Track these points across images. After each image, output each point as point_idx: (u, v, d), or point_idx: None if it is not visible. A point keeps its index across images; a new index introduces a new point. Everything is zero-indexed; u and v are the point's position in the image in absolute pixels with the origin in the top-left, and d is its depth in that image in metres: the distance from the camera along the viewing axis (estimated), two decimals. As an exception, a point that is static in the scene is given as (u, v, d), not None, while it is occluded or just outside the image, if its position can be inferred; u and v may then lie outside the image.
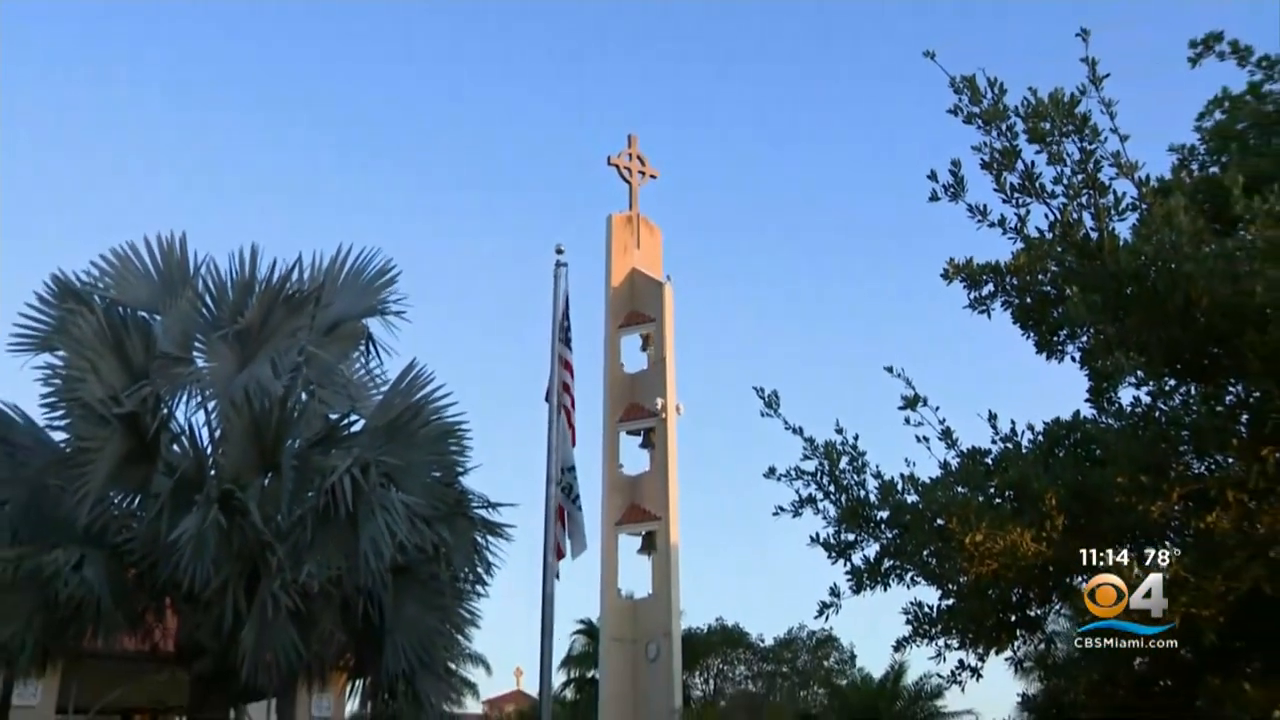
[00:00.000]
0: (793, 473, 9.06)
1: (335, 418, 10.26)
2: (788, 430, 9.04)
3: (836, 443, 8.98)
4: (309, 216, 65.24)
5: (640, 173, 23.12)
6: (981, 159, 8.36)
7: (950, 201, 8.48)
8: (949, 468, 8.73)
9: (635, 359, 22.60)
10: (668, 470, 21.11)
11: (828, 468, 8.95)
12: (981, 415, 8.75)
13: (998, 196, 8.39)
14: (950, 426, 8.77)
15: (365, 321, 10.80)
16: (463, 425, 10.05)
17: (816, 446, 8.99)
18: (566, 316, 11.36)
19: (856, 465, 8.96)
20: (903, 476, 8.74)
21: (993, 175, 8.33)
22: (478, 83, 71.36)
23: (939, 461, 8.78)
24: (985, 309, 8.88)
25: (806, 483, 9.03)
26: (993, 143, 8.26)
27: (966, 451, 8.77)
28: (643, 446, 21.97)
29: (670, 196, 59.65)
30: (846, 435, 9.02)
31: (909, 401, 8.65)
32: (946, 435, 8.75)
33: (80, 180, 67.34)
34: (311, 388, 9.91)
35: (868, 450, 9.04)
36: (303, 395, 9.79)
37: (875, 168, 70.10)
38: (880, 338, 60.18)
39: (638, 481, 21.79)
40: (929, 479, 8.66)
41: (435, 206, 74.37)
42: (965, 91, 8.26)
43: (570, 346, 11.38)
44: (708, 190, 66.80)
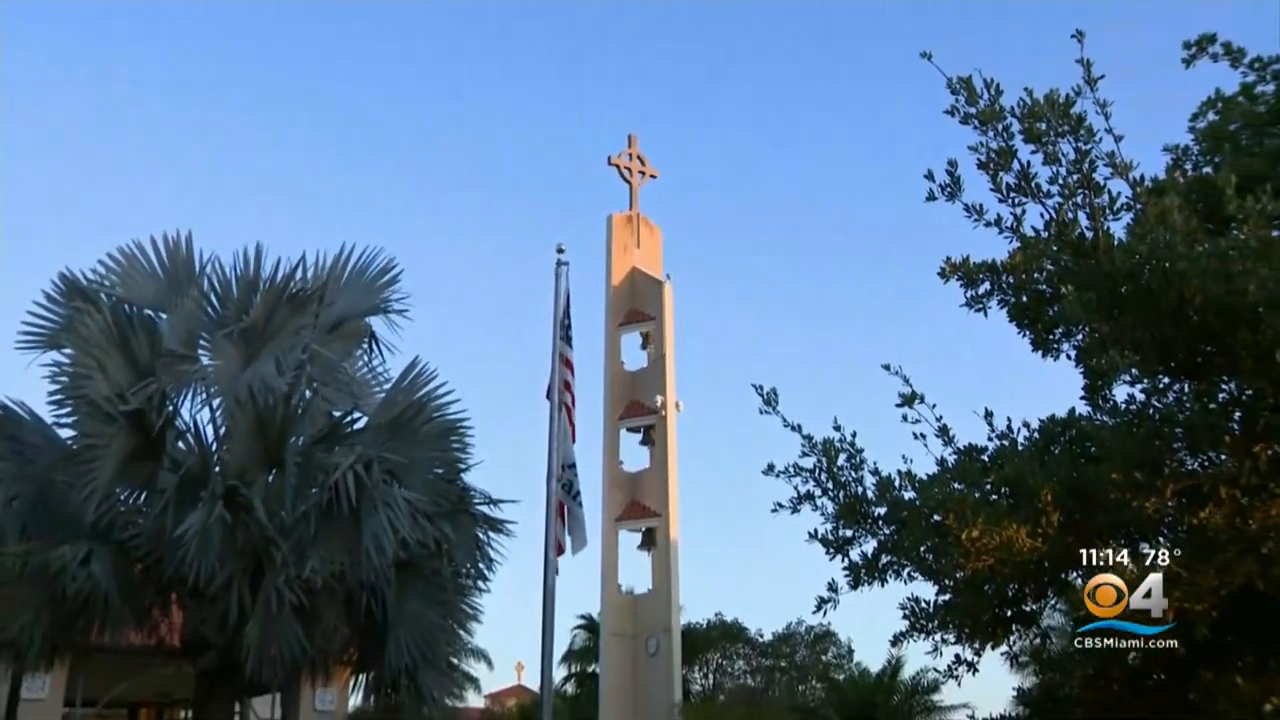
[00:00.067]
0: (791, 469, 8.99)
1: (338, 415, 10.33)
2: (786, 427, 8.99)
3: (835, 440, 8.92)
4: (309, 216, 65.28)
5: (640, 173, 23.17)
6: (978, 159, 8.35)
7: (947, 201, 8.47)
8: (946, 464, 8.68)
9: (635, 357, 22.68)
10: (667, 467, 21.18)
11: (826, 464, 8.89)
12: (978, 412, 8.71)
13: (994, 196, 8.38)
14: (947, 424, 8.74)
15: (368, 320, 10.85)
16: (464, 422, 10.14)
17: (815, 443, 8.93)
18: (567, 315, 11.36)
19: (854, 462, 8.91)
20: (900, 473, 8.71)
21: (989, 175, 8.31)
22: (478, 83, 71.32)
23: (936, 458, 8.74)
24: (982, 307, 8.83)
25: (805, 479, 8.96)
26: (989, 143, 8.25)
27: (963, 448, 8.72)
28: (643, 444, 22.04)
29: (670, 196, 59.71)
30: (844, 432, 8.97)
31: (906, 399, 8.60)
32: (943, 432, 8.71)
33: (80, 180, 67.35)
34: (315, 385, 9.97)
35: (865, 447, 8.99)
36: (306, 393, 9.85)
37: (874, 168, 70.15)
38: (878, 336, 60.21)
39: (638, 478, 21.86)
40: (926, 476, 8.62)
41: (436, 206, 74.37)
42: (962, 92, 8.24)
43: (571, 344, 11.39)
44: (708, 190, 66.79)
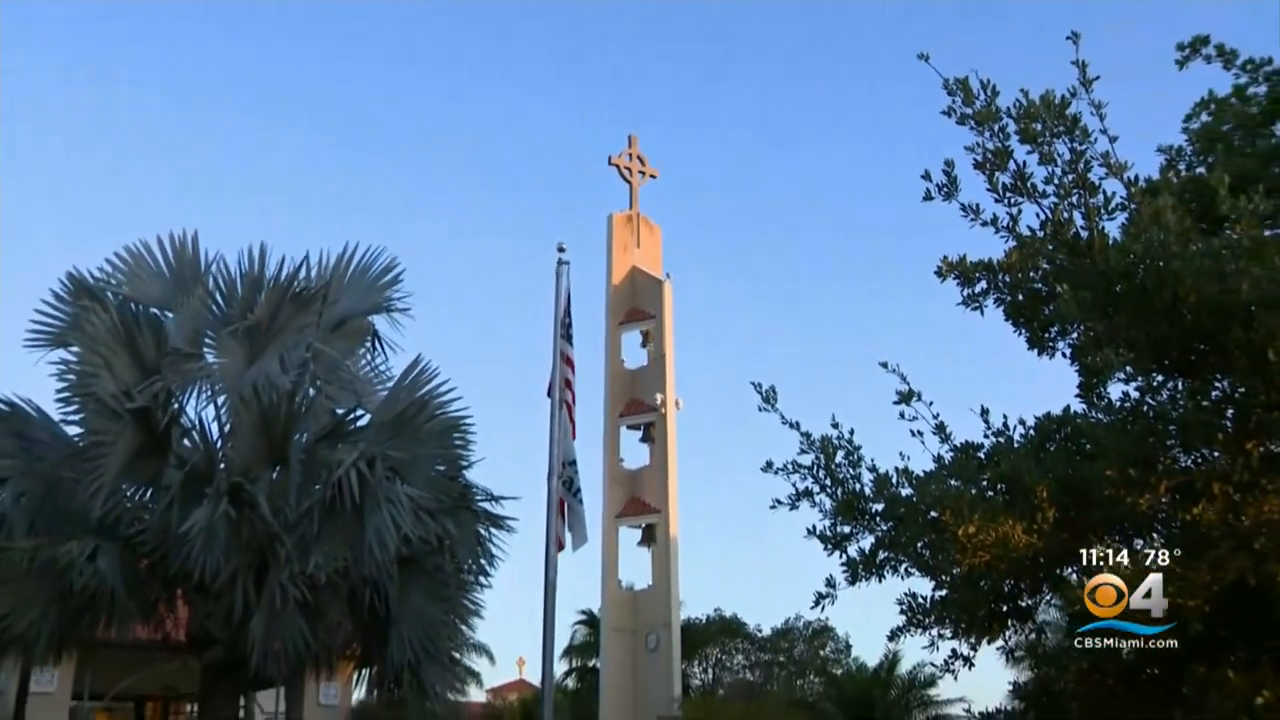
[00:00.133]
0: (790, 466, 9.04)
1: (342, 412, 10.36)
2: (785, 425, 9.03)
3: (833, 437, 8.97)
4: (310, 217, 65.22)
5: (640, 172, 23.28)
6: (974, 159, 8.41)
7: (944, 201, 8.53)
8: (942, 461, 8.73)
9: (635, 355, 22.80)
10: (667, 464, 21.28)
11: (824, 461, 8.94)
12: (974, 410, 8.77)
13: (990, 196, 8.45)
14: (944, 421, 8.78)
15: (371, 319, 10.86)
16: (466, 420, 10.16)
17: (813, 441, 8.98)
18: (568, 313, 11.36)
19: (852, 459, 8.96)
20: (897, 470, 8.77)
21: (985, 175, 8.37)
22: (478, 83, 71.23)
23: (933, 455, 8.80)
24: (978, 306, 8.87)
25: (803, 476, 9.02)
26: (985, 143, 8.32)
27: (960, 445, 8.77)
28: (643, 441, 22.15)
29: (670, 196, 59.71)
30: (842, 430, 9.02)
31: (903, 396, 8.65)
32: (940, 430, 8.75)
33: (80, 180, 67.29)
34: (319, 383, 10.02)
35: (863, 444, 9.04)
36: (310, 390, 9.90)
37: (873, 168, 70.06)
38: (876, 334, 60.15)
39: (638, 475, 21.96)
40: (923, 472, 8.67)
41: (437, 206, 74.27)
42: (958, 93, 8.31)
43: (572, 343, 11.38)
44: (708, 190, 66.73)
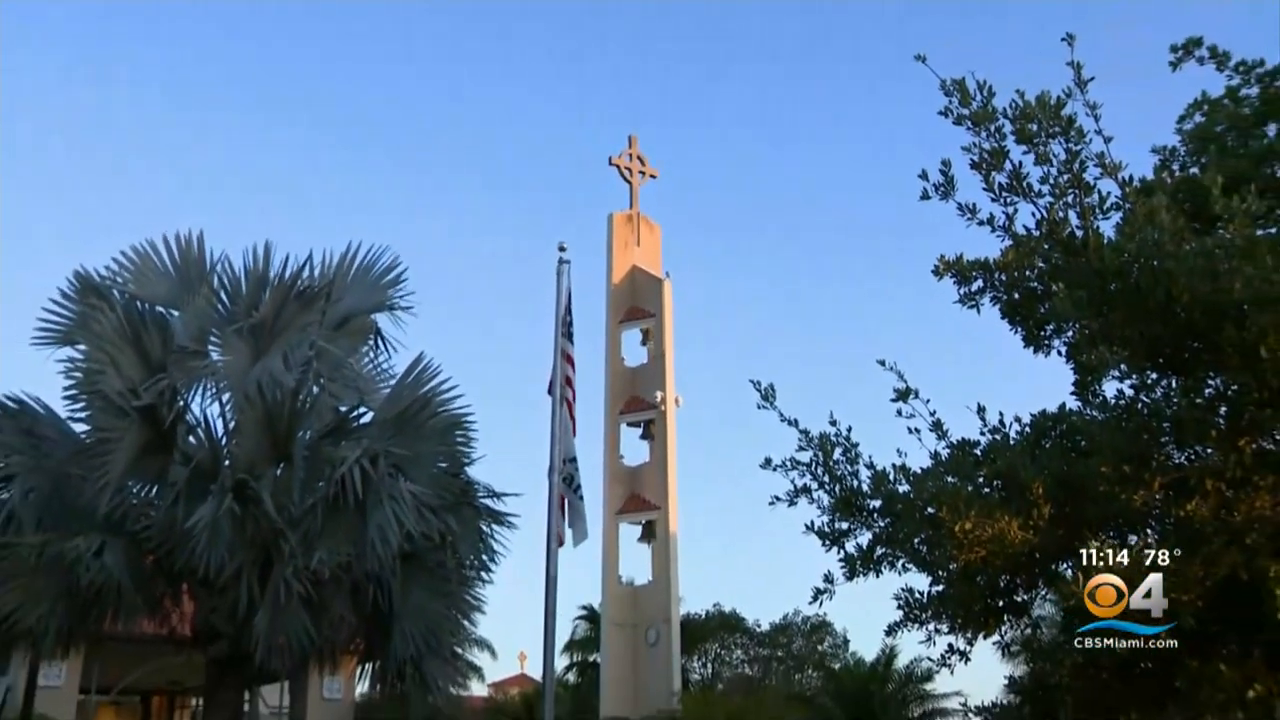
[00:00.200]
0: (788, 463, 9.08)
1: (345, 410, 10.42)
2: (783, 422, 9.06)
3: (830, 434, 9.00)
4: (310, 217, 65.22)
5: (640, 172, 23.39)
6: (971, 159, 8.40)
7: (941, 200, 8.52)
8: (939, 458, 8.77)
9: (635, 353, 22.93)
10: (667, 461, 21.40)
11: (822, 458, 8.98)
12: (971, 407, 8.79)
13: (986, 195, 8.45)
14: (940, 418, 8.82)
15: (374, 317, 10.92)
16: (468, 417, 10.25)
17: (811, 438, 9.02)
18: (569, 312, 11.34)
19: (850, 456, 8.99)
20: (894, 467, 8.81)
21: (982, 175, 8.38)
22: (478, 83, 71.15)
23: (930, 452, 8.84)
24: (975, 304, 8.89)
25: (801, 473, 9.05)
26: (982, 144, 8.31)
27: (956, 443, 8.81)
28: (643, 438, 22.27)
29: (670, 195, 59.73)
30: (840, 427, 9.05)
31: (901, 394, 8.69)
32: (937, 427, 8.79)
33: (80, 180, 67.27)
34: (322, 381, 10.08)
35: (861, 441, 9.07)
36: (314, 388, 9.96)
37: (872, 167, 70.05)
38: (873, 333, 60.24)
39: (638, 472, 22.08)
40: (920, 469, 8.72)
41: (439, 206, 74.23)
42: (955, 94, 8.29)
43: (572, 341, 11.37)
44: (707, 189, 66.69)
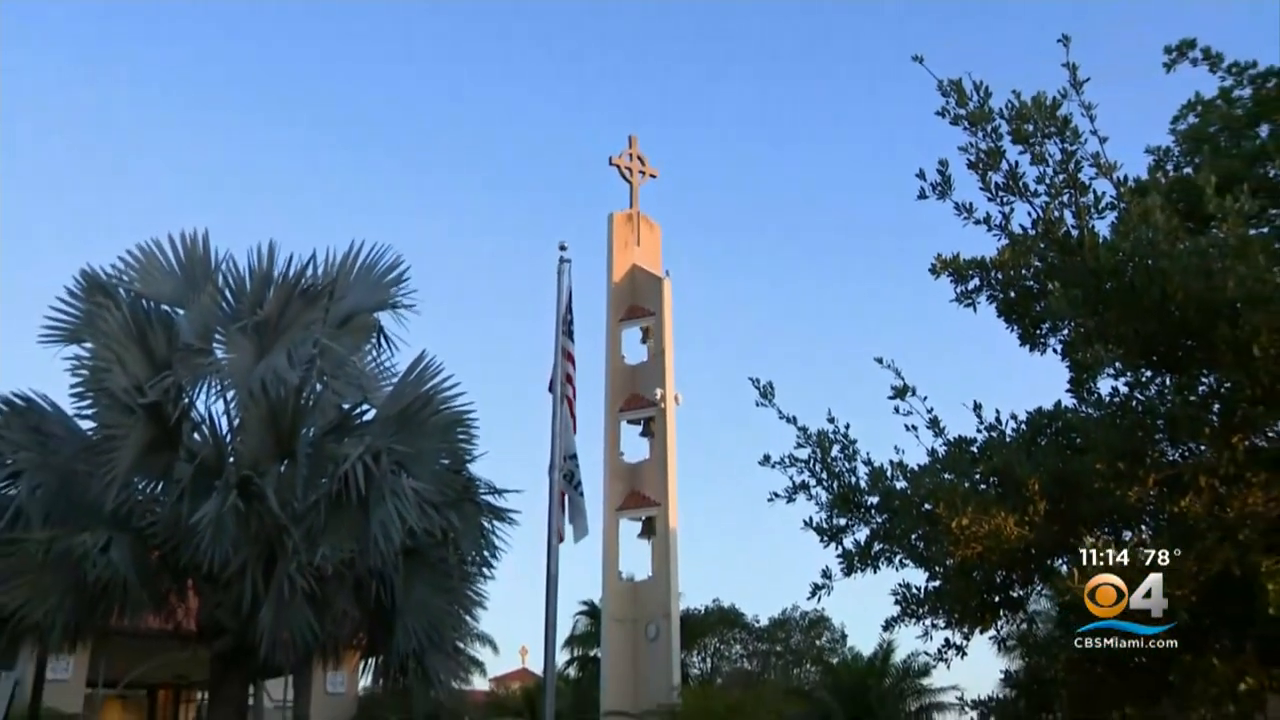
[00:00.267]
0: (787, 460, 9.16)
1: (348, 407, 10.49)
2: (782, 419, 9.14)
3: (829, 431, 9.09)
4: (311, 216, 65.22)
5: (640, 172, 23.46)
6: (968, 159, 8.44)
7: (938, 200, 8.57)
8: (936, 455, 8.85)
9: (635, 351, 22.97)
10: (667, 458, 21.46)
11: (820, 455, 9.06)
12: (967, 405, 8.86)
13: (983, 195, 8.50)
14: (937, 416, 8.91)
15: (377, 315, 10.96)
16: (470, 415, 10.28)
17: (809, 435, 9.09)
18: (569, 310, 11.44)
19: (848, 453, 9.07)
20: (892, 464, 8.90)
21: (978, 175, 8.42)
22: (478, 83, 71.15)
23: (927, 449, 8.93)
24: (971, 303, 8.97)
25: (800, 470, 9.13)
26: (978, 144, 8.35)
27: (953, 440, 8.88)
28: (643, 435, 22.33)
29: (670, 195, 59.79)
30: (838, 424, 9.14)
31: (898, 392, 8.75)
32: (934, 424, 8.87)
33: (80, 180, 67.26)
34: (325, 378, 10.12)
35: (858, 439, 9.16)
36: (317, 385, 10.02)
37: (870, 167, 70.10)
38: (871, 332, 60.37)
39: (638, 469, 22.14)
40: (917, 466, 8.81)
41: (439, 206, 74.21)
42: (952, 94, 8.33)
43: (573, 339, 11.48)
44: (707, 189, 66.75)
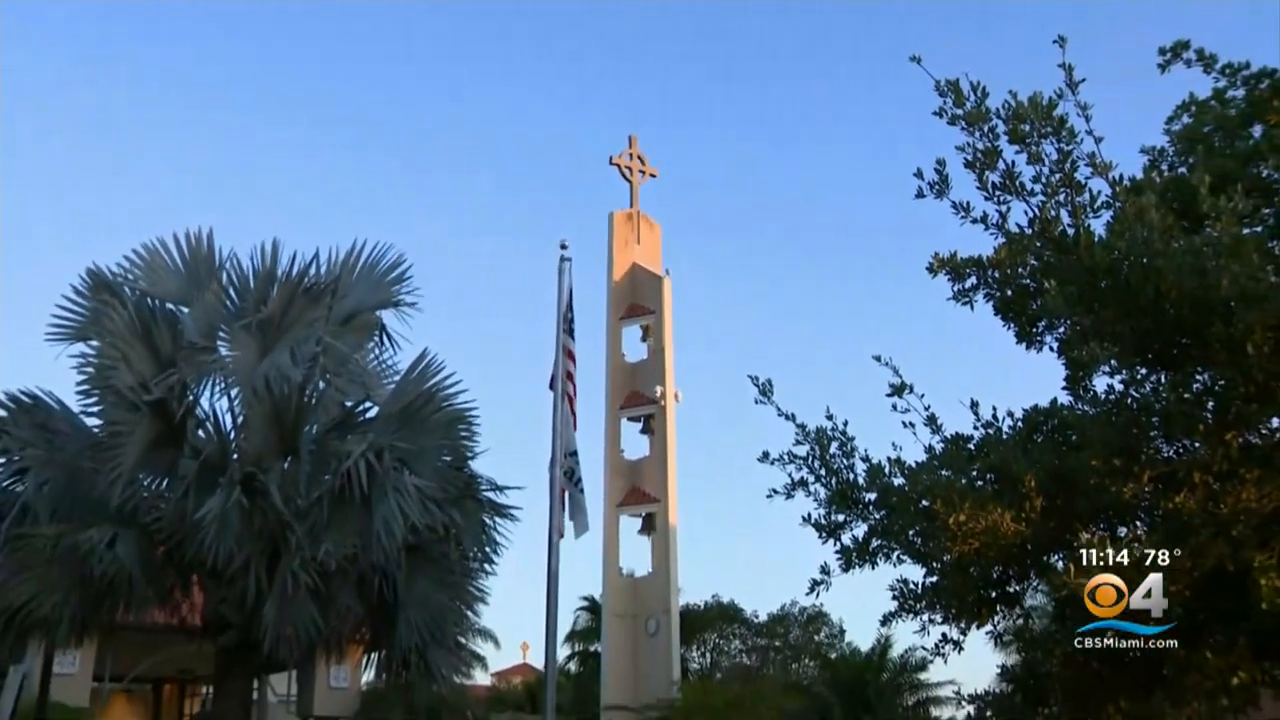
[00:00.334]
0: (785, 457, 9.16)
1: (351, 404, 10.59)
2: (780, 417, 9.13)
3: (827, 428, 9.09)
4: (311, 216, 65.47)
5: (640, 171, 23.51)
6: (965, 159, 8.44)
7: (935, 199, 8.59)
8: (934, 452, 8.85)
9: (636, 349, 23.04)
10: (667, 455, 21.53)
11: (818, 452, 9.06)
12: (964, 402, 8.85)
13: (980, 194, 8.51)
14: (935, 413, 8.89)
15: (379, 313, 11.05)
16: (472, 412, 10.41)
17: (808, 432, 9.10)
18: (570, 308, 11.46)
19: (846, 450, 9.08)
20: (890, 460, 8.90)
21: (975, 174, 8.44)
22: (478, 82, 71.20)
23: (924, 446, 8.91)
24: (968, 301, 8.96)
25: (798, 466, 9.12)
26: (975, 143, 8.35)
27: (950, 437, 8.89)
28: (643, 432, 22.40)
29: (670, 194, 59.89)
30: (836, 421, 9.14)
31: (896, 389, 8.73)
32: (931, 421, 8.86)
33: (80, 180, 67.30)
34: (328, 376, 10.22)
35: (857, 436, 9.15)
36: (320, 383, 10.13)
37: (870, 167, 70.20)
38: (870, 330, 60.50)
39: (638, 465, 22.21)
40: (915, 463, 8.81)
41: (440, 206, 74.41)
42: (949, 94, 8.34)
43: (573, 337, 11.49)
44: (707, 188, 66.91)
